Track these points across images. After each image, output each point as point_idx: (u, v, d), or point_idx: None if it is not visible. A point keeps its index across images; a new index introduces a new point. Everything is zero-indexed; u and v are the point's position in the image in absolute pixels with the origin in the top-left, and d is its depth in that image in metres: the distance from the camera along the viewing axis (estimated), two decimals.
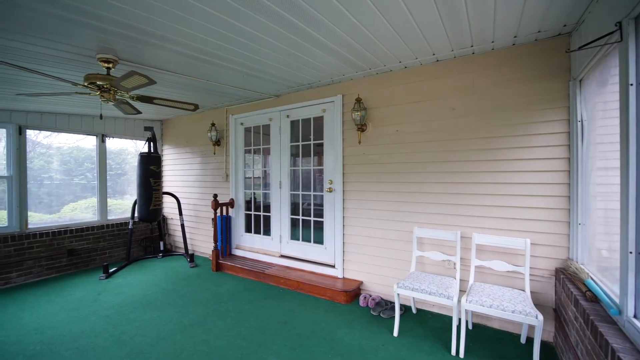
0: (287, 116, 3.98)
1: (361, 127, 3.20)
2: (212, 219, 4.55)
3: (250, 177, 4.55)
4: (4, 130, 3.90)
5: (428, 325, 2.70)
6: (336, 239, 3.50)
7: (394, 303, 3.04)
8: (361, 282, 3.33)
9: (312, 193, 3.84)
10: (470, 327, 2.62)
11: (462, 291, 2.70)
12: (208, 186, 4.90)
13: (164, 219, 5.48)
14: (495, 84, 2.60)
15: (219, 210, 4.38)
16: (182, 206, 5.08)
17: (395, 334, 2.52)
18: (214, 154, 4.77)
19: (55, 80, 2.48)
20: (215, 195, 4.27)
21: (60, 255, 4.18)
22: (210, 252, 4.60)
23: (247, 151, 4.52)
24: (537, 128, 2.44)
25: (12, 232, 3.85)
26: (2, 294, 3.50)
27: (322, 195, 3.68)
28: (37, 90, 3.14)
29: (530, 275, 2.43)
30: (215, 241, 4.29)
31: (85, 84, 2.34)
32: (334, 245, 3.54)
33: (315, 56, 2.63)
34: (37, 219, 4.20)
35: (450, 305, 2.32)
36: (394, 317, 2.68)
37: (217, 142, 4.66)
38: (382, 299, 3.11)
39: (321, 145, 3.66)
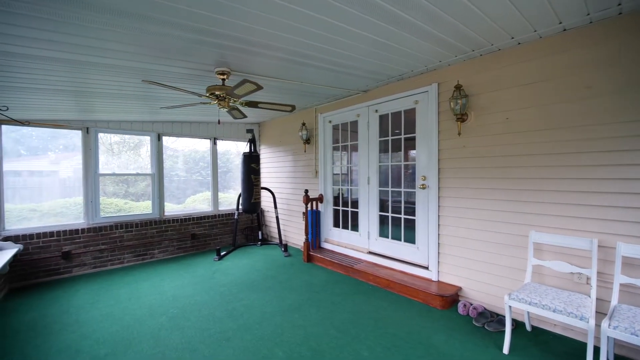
0: (376, 111, 3.90)
1: (461, 117, 2.89)
2: (303, 212, 4.83)
3: (338, 174, 4.66)
4: (148, 137, 4.95)
5: (548, 347, 2.28)
6: (430, 239, 3.27)
7: (500, 315, 2.68)
8: (459, 288, 3.03)
9: (402, 190, 3.68)
10: (611, 358, 2.10)
11: (598, 313, 2.18)
12: (299, 182, 5.23)
13: (262, 211, 6.10)
14: None
15: (309, 205, 4.62)
16: (277, 200, 5.55)
17: (506, 351, 2.21)
18: (304, 151, 5.05)
19: (186, 94, 3.01)
20: (306, 191, 4.52)
21: (186, 238, 5.10)
22: (301, 244, 4.90)
23: (335, 148, 4.63)
24: None
25: (155, 217, 4.87)
26: (150, 266, 4.46)
27: (413, 192, 3.49)
28: (173, 104, 3.87)
29: None
30: (307, 234, 4.54)
31: (207, 94, 2.76)
32: (428, 245, 3.32)
33: (408, 43, 2.48)
34: (170, 208, 5.21)
35: (583, 329, 1.90)
36: (503, 331, 2.36)
37: (307, 141, 4.91)
38: (485, 309, 2.77)
39: (412, 139, 3.47)
